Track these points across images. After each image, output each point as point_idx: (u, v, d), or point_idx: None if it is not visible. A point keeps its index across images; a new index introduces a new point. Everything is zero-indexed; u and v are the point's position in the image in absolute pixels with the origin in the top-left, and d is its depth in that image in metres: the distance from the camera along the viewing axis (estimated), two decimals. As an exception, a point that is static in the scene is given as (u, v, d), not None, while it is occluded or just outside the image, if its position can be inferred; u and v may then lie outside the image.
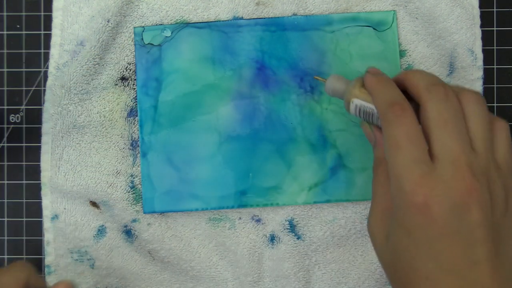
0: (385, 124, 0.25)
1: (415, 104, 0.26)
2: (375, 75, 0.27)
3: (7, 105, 0.39)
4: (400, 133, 0.24)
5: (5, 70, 0.39)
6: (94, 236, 0.37)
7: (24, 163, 0.39)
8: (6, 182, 0.39)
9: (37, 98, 0.39)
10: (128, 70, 0.37)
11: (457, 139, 0.24)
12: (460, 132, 0.24)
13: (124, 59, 0.37)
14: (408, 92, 0.27)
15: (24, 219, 0.39)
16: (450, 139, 0.24)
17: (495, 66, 0.39)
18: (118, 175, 0.37)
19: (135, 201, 0.37)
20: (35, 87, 0.39)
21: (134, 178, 0.37)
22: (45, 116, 0.37)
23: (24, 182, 0.39)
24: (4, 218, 0.39)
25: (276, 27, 0.37)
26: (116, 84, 0.38)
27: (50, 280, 0.37)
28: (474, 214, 0.23)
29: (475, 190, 0.23)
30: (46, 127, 0.37)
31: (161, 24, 0.37)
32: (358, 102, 0.28)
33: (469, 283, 0.23)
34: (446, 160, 0.24)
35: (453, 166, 0.23)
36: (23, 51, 0.39)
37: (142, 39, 0.37)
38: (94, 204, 0.37)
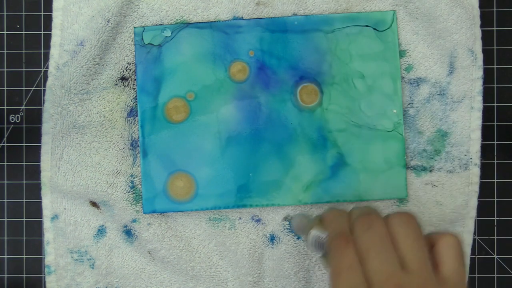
0: (330, 253, 0.27)
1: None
2: (331, 210, 0.29)
3: (7, 105, 0.39)
4: (340, 262, 0.26)
5: (5, 70, 0.39)
6: (94, 236, 0.37)
7: (24, 163, 0.39)
8: (6, 182, 0.39)
9: (37, 98, 0.39)
10: (128, 70, 0.38)
11: (384, 262, 0.25)
12: (386, 255, 0.25)
13: (124, 59, 0.37)
14: None
15: (24, 219, 0.39)
16: (377, 263, 0.25)
17: (495, 66, 0.39)
18: (118, 175, 0.37)
19: (135, 201, 0.37)
20: (35, 87, 0.39)
21: (134, 178, 0.37)
22: (45, 116, 0.37)
23: (24, 182, 0.39)
24: (4, 218, 0.39)
25: (276, 27, 0.37)
26: (116, 84, 0.38)
27: (50, 280, 0.37)
28: None
29: None
30: (46, 127, 0.37)
31: (161, 24, 0.37)
32: (315, 232, 0.29)
33: None
34: (376, 285, 0.24)
35: None
36: (23, 51, 0.39)
37: (142, 39, 0.37)
38: (94, 204, 0.37)
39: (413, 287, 0.24)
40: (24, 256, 0.39)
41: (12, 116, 0.39)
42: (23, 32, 0.39)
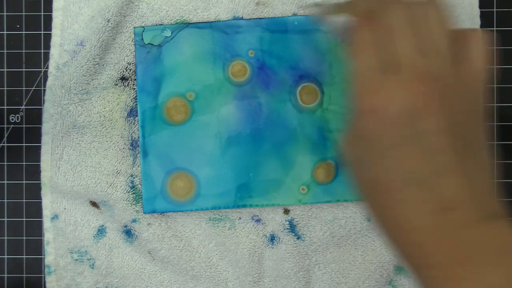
0: (352, 32, 0.25)
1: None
2: None
3: (7, 105, 0.39)
4: (361, 40, 0.24)
5: (5, 70, 0.39)
6: (94, 236, 0.37)
7: (24, 163, 0.39)
8: (6, 182, 0.39)
9: (37, 98, 0.39)
10: (128, 70, 0.38)
11: (406, 46, 0.23)
12: (410, 39, 0.23)
13: (124, 59, 0.37)
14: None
15: (24, 219, 0.39)
16: (399, 46, 0.23)
17: (495, 66, 0.39)
18: (118, 175, 0.37)
19: (135, 201, 0.37)
20: (35, 87, 0.39)
21: (134, 178, 0.37)
22: (45, 116, 0.37)
23: (24, 182, 0.39)
24: (4, 218, 0.39)
25: (276, 27, 0.37)
26: (116, 84, 0.38)
27: (50, 280, 0.37)
28: (427, 121, 0.22)
29: (423, 96, 0.22)
30: (46, 127, 0.37)
31: (161, 24, 0.37)
32: (341, 17, 0.28)
33: (436, 195, 0.22)
34: (395, 67, 0.23)
35: (401, 71, 0.23)
36: (23, 51, 0.39)
37: (142, 39, 0.37)
38: (94, 204, 0.37)
39: (431, 74, 0.23)
40: (24, 256, 0.39)
41: (12, 116, 0.39)
42: (23, 32, 0.39)
